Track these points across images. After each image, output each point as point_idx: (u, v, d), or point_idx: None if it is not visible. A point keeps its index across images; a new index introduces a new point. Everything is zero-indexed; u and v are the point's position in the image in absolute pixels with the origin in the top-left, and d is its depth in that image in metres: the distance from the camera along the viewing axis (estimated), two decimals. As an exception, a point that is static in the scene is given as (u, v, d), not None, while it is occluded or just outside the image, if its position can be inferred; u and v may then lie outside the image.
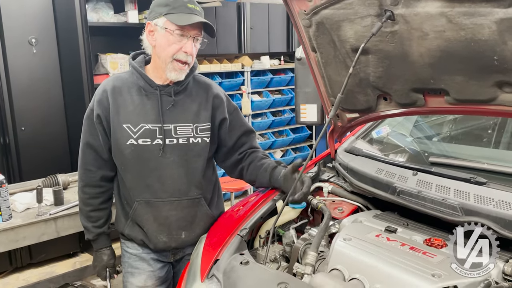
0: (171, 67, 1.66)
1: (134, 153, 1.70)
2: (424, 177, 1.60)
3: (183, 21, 1.60)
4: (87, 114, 1.77)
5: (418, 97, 1.55)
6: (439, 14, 1.21)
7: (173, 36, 1.62)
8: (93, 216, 1.85)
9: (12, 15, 3.26)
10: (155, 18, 1.65)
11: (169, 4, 1.63)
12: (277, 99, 5.20)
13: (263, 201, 1.80)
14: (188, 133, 1.74)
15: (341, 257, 1.42)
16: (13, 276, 3.52)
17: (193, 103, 1.78)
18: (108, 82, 1.75)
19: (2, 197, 2.27)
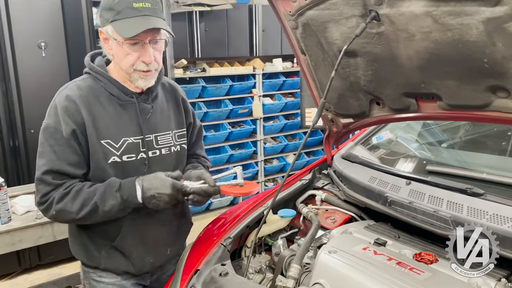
0: (136, 76, 1.47)
1: (119, 172, 1.47)
2: (417, 186, 1.51)
3: (129, 31, 1.37)
4: (49, 133, 1.42)
5: (410, 102, 1.46)
6: (424, 14, 1.13)
7: (124, 47, 1.41)
8: (92, 191, 1.44)
9: (21, 19, 3.31)
10: (103, 25, 1.45)
11: (113, 8, 1.40)
12: (290, 102, 5.13)
13: (251, 209, 1.74)
14: (169, 142, 1.60)
15: (325, 270, 1.34)
16: (22, 277, 3.57)
17: (167, 108, 1.63)
18: (70, 92, 1.46)
19: (1, 200, 2.29)
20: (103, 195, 1.41)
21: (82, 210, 1.42)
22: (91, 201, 1.41)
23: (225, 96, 4.71)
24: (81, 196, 1.42)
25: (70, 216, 1.44)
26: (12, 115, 3.37)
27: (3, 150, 3.39)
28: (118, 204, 1.42)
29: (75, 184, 1.44)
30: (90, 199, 1.41)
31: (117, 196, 1.41)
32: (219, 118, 4.70)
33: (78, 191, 1.42)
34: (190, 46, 4.47)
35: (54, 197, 1.41)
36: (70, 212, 1.42)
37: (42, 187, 1.43)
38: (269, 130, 5.10)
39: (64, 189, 1.42)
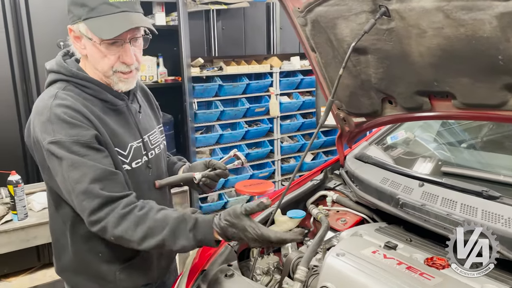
0: (116, 79, 1.32)
1: (130, 181, 1.35)
2: (431, 188, 1.46)
3: (106, 32, 1.22)
4: (66, 148, 1.22)
5: (423, 100, 1.41)
6: (435, 9, 1.09)
7: (102, 49, 1.26)
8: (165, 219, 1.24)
9: (41, 19, 3.36)
10: (74, 23, 1.27)
11: (86, 4, 1.22)
12: (307, 101, 5.07)
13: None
14: (158, 140, 1.52)
15: (332, 273, 1.31)
16: (41, 272, 3.64)
17: (145, 105, 1.55)
18: (65, 101, 1.26)
19: (17, 197, 2.33)
20: (175, 232, 1.20)
21: (145, 241, 1.20)
22: (159, 235, 1.19)
23: (242, 95, 4.69)
24: (146, 224, 1.20)
25: (131, 245, 1.23)
26: (32, 114, 3.44)
27: (23, 148, 3.45)
28: (190, 246, 1.22)
29: (136, 204, 1.23)
30: (157, 230, 1.20)
31: (190, 237, 1.20)
32: (235, 116, 4.69)
33: (143, 217, 1.21)
34: (207, 45, 4.46)
35: (108, 220, 1.20)
36: (130, 241, 1.21)
37: (88, 203, 1.20)
38: (286, 129, 5.06)
39: (122, 208, 1.21)
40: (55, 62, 1.37)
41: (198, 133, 4.56)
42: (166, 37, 1.46)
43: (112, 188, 1.23)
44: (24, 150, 3.45)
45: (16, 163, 3.34)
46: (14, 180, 2.32)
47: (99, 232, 1.23)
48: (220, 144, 4.65)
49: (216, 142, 4.63)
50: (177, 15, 3.85)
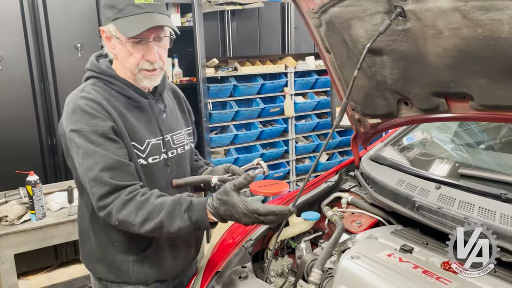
0: (141, 76, 1.41)
1: (145, 175, 1.41)
2: (448, 191, 1.43)
3: (132, 30, 1.31)
4: (85, 137, 1.31)
5: (440, 101, 1.39)
6: (452, 9, 1.07)
7: (128, 47, 1.35)
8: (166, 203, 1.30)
9: (59, 22, 3.41)
10: (105, 24, 1.38)
11: (115, 6, 1.34)
12: (322, 101, 5.05)
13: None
14: (182, 141, 1.57)
15: (347, 276, 1.30)
16: (59, 270, 3.71)
17: (173, 106, 1.61)
18: (90, 95, 1.36)
19: (36, 197, 2.37)
20: (171, 214, 1.26)
21: (145, 224, 1.27)
22: (157, 218, 1.26)
23: (257, 95, 4.69)
24: (146, 208, 1.27)
25: (133, 229, 1.30)
26: (50, 114, 3.49)
27: (42, 148, 3.51)
28: (185, 226, 1.26)
29: (138, 191, 1.30)
30: (155, 214, 1.26)
31: (185, 218, 1.26)
32: (250, 117, 4.69)
33: (144, 202, 1.28)
34: (221, 45, 4.47)
35: (113, 205, 1.28)
36: (132, 224, 1.28)
37: (97, 189, 1.29)
38: (301, 129, 5.04)
39: (125, 194, 1.28)
40: (89, 61, 1.48)
41: (213, 134, 4.58)
42: (181, 38, 1.49)
43: (121, 177, 1.31)
44: (42, 150, 3.52)
45: (34, 164, 3.41)
46: (32, 180, 2.35)
47: (105, 217, 1.31)
48: (235, 144, 4.66)
49: (230, 142, 4.64)
50: (192, 16, 3.87)
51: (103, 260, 1.47)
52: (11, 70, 3.30)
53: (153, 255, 1.47)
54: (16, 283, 2.22)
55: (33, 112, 3.43)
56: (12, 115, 3.35)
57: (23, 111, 3.40)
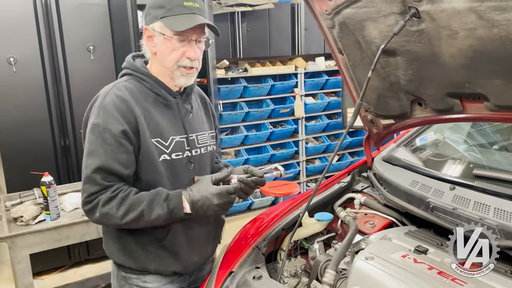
0: (179, 73, 1.49)
1: (168, 170, 1.50)
2: (462, 192, 1.43)
3: (180, 26, 1.42)
4: (98, 132, 1.42)
5: (454, 102, 1.39)
6: (467, 10, 1.06)
7: (173, 42, 1.45)
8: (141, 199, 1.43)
9: (72, 24, 3.45)
10: (151, 22, 1.48)
11: (164, 6, 1.45)
12: (333, 101, 5.04)
13: (287, 211, 1.72)
14: (206, 142, 1.63)
15: (361, 277, 1.30)
16: (72, 270, 3.75)
17: (199, 109, 1.68)
18: (119, 92, 1.46)
19: (50, 197, 2.40)
20: (150, 204, 1.41)
21: (126, 216, 1.41)
22: (138, 208, 1.40)
23: (267, 96, 4.70)
24: (127, 203, 1.41)
25: (114, 221, 1.43)
26: (63, 116, 3.53)
27: (55, 150, 3.55)
28: (164, 214, 1.42)
29: (121, 188, 1.43)
30: (136, 206, 1.41)
31: (164, 206, 1.41)
32: (260, 118, 4.70)
33: (124, 198, 1.42)
34: (232, 47, 4.49)
35: (99, 199, 1.40)
36: (114, 217, 1.41)
37: (89, 186, 1.41)
38: (311, 129, 5.04)
39: (111, 192, 1.41)
40: (126, 60, 1.58)
41: (223, 134, 4.59)
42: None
43: (111, 179, 1.43)
44: (56, 151, 3.56)
45: (48, 165, 3.45)
46: (47, 181, 2.38)
47: (88, 211, 1.44)
48: (245, 145, 4.67)
49: (241, 143, 4.65)
50: (202, 18, 3.89)
51: (123, 247, 1.55)
52: (25, 72, 3.35)
53: (169, 246, 1.53)
54: (32, 283, 2.25)
55: (46, 113, 3.48)
56: (26, 117, 3.40)
57: (37, 113, 3.44)
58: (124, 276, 1.57)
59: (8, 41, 3.26)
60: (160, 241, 1.52)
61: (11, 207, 2.52)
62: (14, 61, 3.28)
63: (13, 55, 3.28)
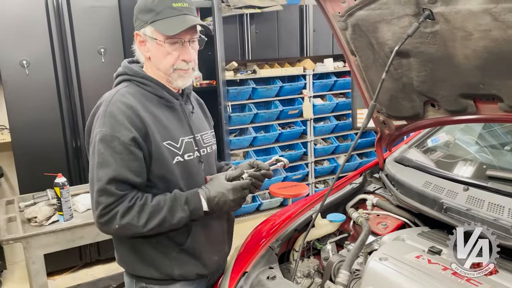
0: (176, 76, 1.48)
1: (183, 171, 1.49)
2: (476, 193, 1.43)
3: (171, 30, 1.39)
4: (106, 142, 1.37)
5: (468, 103, 1.39)
6: (482, 11, 1.07)
7: (165, 46, 1.42)
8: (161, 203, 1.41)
9: (83, 27, 3.49)
10: (141, 28, 1.44)
11: (153, 9, 1.41)
12: (341, 103, 5.04)
13: (300, 212, 1.73)
14: (209, 141, 1.64)
15: (375, 278, 1.31)
16: (83, 271, 3.78)
17: (198, 109, 1.69)
18: (124, 98, 1.42)
19: (63, 198, 2.42)
20: (171, 209, 1.40)
21: (148, 223, 1.38)
22: (159, 215, 1.39)
23: (275, 97, 4.71)
24: (147, 210, 1.39)
25: (135, 230, 1.39)
26: (74, 118, 3.57)
27: (67, 151, 3.59)
28: (186, 216, 1.42)
29: (137, 196, 1.40)
30: (157, 212, 1.39)
31: (185, 209, 1.41)
32: (269, 119, 4.71)
33: (143, 205, 1.39)
34: (240, 48, 4.51)
35: (117, 210, 1.36)
36: (136, 226, 1.37)
37: (104, 199, 1.36)
38: (320, 131, 5.04)
39: (128, 201, 1.38)
40: (121, 66, 1.55)
41: (232, 136, 4.61)
42: (206, 40, 1.57)
43: (125, 187, 1.39)
44: (67, 152, 3.60)
45: (60, 166, 3.48)
46: (60, 182, 2.41)
47: (105, 223, 1.39)
48: (254, 147, 4.68)
49: (249, 144, 4.66)
50: (212, 20, 3.91)
51: (143, 259, 1.50)
52: (37, 75, 3.39)
53: (190, 249, 1.51)
54: (46, 283, 2.27)
55: (58, 115, 3.52)
56: (38, 119, 3.44)
57: (49, 115, 3.48)
58: (145, 287, 1.52)
59: (21, 44, 3.30)
60: (181, 245, 1.50)
61: (24, 208, 2.56)
62: (27, 64, 3.32)
63: (26, 58, 3.32)
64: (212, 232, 1.56)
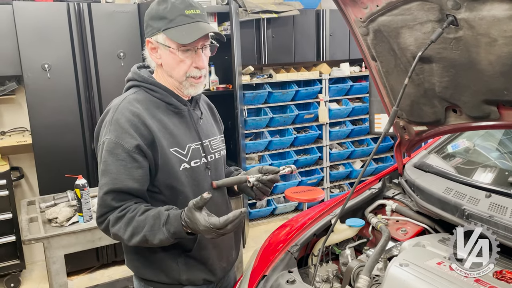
0: (188, 84, 1.47)
1: (189, 178, 1.48)
2: (499, 199, 1.42)
3: (185, 38, 1.38)
4: (110, 149, 1.38)
5: (491, 109, 1.38)
6: (507, 17, 1.07)
7: (179, 54, 1.42)
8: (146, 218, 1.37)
9: (103, 32, 3.56)
10: (153, 35, 1.43)
11: (165, 17, 1.40)
12: (357, 107, 5.02)
13: (318, 217, 1.73)
14: (218, 146, 1.63)
15: (396, 284, 1.30)
16: (100, 272, 3.83)
17: (208, 115, 1.68)
18: (131, 106, 1.42)
19: (83, 200, 2.47)
20: (152, 228, 1.35)
21: (132, 238, 1.37)
22: (141, 232, 1.36)
23: (291, 102, 4.72)
24: (132, 224, 1.36)
25: (124, 242, 1.42)
26: (94, 121, 3.63)
27: (85, 153, 3.65)
28: (166, 238, 1.35)
29: (130, 207, 1.39)
30: (140, 229, 1.36)
31: (164, 231, 1.35)
32: (284, 123, 4.72)
33: (131, 219, 1.37)
34: (257, 53, 4.53)
35: (109, 219, 1.39)
36: (122, 238, 1.39)
37: (100, 208, 1.41)
38: (336, 135, 5.03)
39: (118, 212, 1.38)
40: (131, 71, 1.55)
41: (248, 140, 4.63)
42: (219, 47, 1.58)
43: (122, 198, 1.39)
44: (86, 155, 3.66)
45: (79, 168, 3.54)
46: (81, 184, 2.45)
47: (103, 230, 1.44)
48: (269, 151, 4.69)
49: (265, 148, 4.68)
50: (229, 25, 3.94)
51: (151, 264, 1.51)
52: (58, 78, 3.46)
53: (198, 254, 1.52)
54: (66, 283, 2.31)
55: (78, 118, 3.58)
56: (58, 121, 3.52)
57: (69, 117, 3.55)
58: None
59: (43, 48, 3.38)
60: (188, 250, 1.51)
61: (45, 209, 2.61)
62: (48, 68, 3.40)
63: (47, 61, 3.40)
64: (219, 239, 1.52)
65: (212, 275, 1.56)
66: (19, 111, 3.83)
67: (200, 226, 1.30)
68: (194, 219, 1.30)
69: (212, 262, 1.55)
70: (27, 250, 3.80)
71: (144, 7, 3.67)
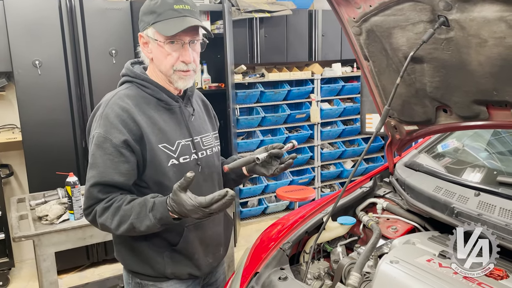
0: (176, 77, 1.49)
1: (177, 174, 1.49)
2: (487, 198, 1.44)
3: (170, 30, 1.40)
4: (98, 143, 1.41)
5: (481, 109, 1.41)
6: (497, 19, 1.09)
7: (166, 47, 1.44)
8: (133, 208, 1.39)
9: (95, 29, 3.54)
10: (144, 29, 1.47)
11: (155, 11, 1.43)
12: (349, 107, 5.06)
13: (310, 214, 1.74)
14: (211, 143, 1.65)
15: (386, 281, 1.32)
16: (90, 270, 3.81)
17: (201, 111, 1.69)
18: (121, 101, 1.44)
19: (74, 197, 2.45)
20: (139, 215, 1.38)
21: (120, 227, 1.39)
22: (128, 220, 1.38)
23: (283, 101, 4.74)
24: (119, 213, 1.39)
25: (111, 231, 1.44)
26: (85, 118, 3.60)
27: (76, 151, 3.63)
28: (153, 224, 1.37)
29: (116, 198, 1.42)
30: (127, 217, 1.38)
31: (150, 217, 1.36)
32: (276, 123, 4.74)
33: (118, 208, 1.40)
34: (249, 52, 4.54)
35: (96, 210, 1.41)
36: (110, 228, 1.41)
37: (87, 200, 1.43)
38: (327, 135, 5.06)
39: (105, 202, 1.41)
40: (125, 67, 1.57)
41: (240, 139, 4.63)
42: (210, 45, 1.58)
43: (108, 190, 1.42)
44: (77, 152, 3.63)
45: (69, 165, 3.52)
46: (72, 181, 2.44)
47: (90, 221, 1.46)
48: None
49: (257, 147, 4.68)
50: (222, 24, 3.94)
51: (137, 256, 1.54)
52: (49, 75, 3.44)
53: (184, 249, 1.54)
54: (56, 281, 2.30)
55: (69, 115, 3.56)
56: (49, 119, 3.49)
57: (60, 115, 3.53)
58: (140, 282, 1.57)
59: (34, 44, 3.35)
60: (174, 245, 1.53)
61: (35, 206, 2.59)
62: (39, 64, 3.37)
63: (38, 58, 3.37)
64: (206, 234, 1.58)
65: (197, 269, 1.59)
66: (9, 108, 3.79)
67: (186, 206, 1.29)
68: (180, 200, 1.31)
69: (198, 257, 1.57)
70: (16, 248, 3.76)
71: (137, 5, 3.66)
